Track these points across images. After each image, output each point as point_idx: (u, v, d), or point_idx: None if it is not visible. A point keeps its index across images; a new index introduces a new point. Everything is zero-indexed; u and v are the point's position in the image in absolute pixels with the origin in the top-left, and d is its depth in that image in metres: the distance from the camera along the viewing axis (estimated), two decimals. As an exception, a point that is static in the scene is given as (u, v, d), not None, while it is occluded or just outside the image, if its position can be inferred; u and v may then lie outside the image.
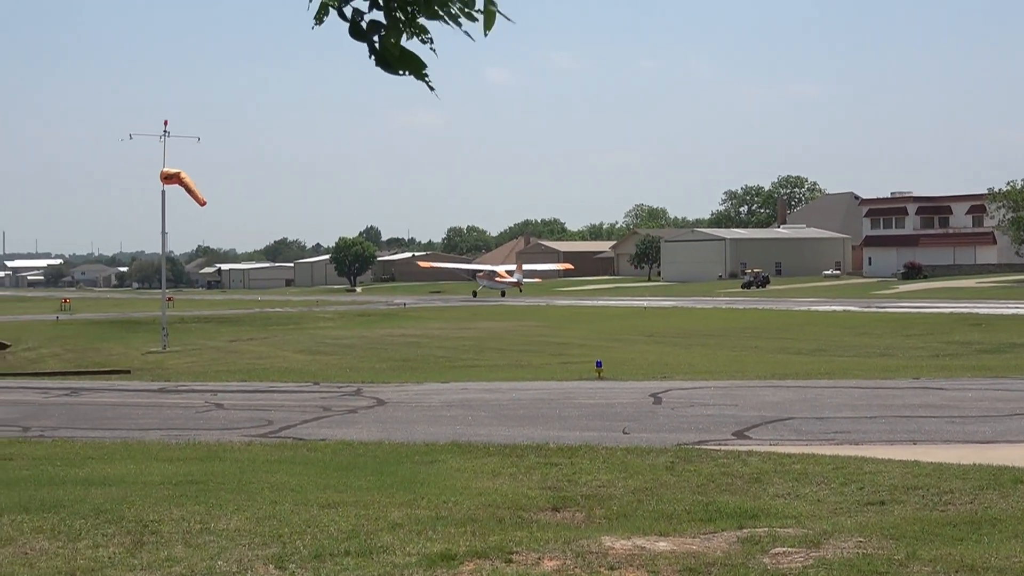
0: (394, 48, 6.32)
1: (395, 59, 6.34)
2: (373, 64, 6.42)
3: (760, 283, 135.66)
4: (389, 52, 6.33)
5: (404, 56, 6.35)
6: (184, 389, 33.77)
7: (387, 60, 6.36)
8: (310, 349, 61.08)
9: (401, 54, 6.34)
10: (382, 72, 6.39)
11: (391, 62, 6.36)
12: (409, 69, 6.39)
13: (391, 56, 6.34)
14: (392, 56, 6.34)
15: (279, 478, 15.93)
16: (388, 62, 6.36)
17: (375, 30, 6.32)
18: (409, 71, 6.40)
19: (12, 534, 11.64)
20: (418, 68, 6.40)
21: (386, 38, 6.31)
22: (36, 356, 67.75)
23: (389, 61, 6.36)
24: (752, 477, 15.55)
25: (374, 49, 6.36)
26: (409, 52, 6.37)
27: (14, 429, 24.19)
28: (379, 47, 6.34)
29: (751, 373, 35.51)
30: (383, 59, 6.36)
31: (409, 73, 6.42)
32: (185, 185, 64.58)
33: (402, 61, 6.36)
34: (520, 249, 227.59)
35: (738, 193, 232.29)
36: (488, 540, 11.19)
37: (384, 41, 6.32)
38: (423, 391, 31.07)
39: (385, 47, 6.33)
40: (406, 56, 6.36)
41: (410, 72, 6.42)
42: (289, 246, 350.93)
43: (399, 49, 6.34)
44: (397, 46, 6.33)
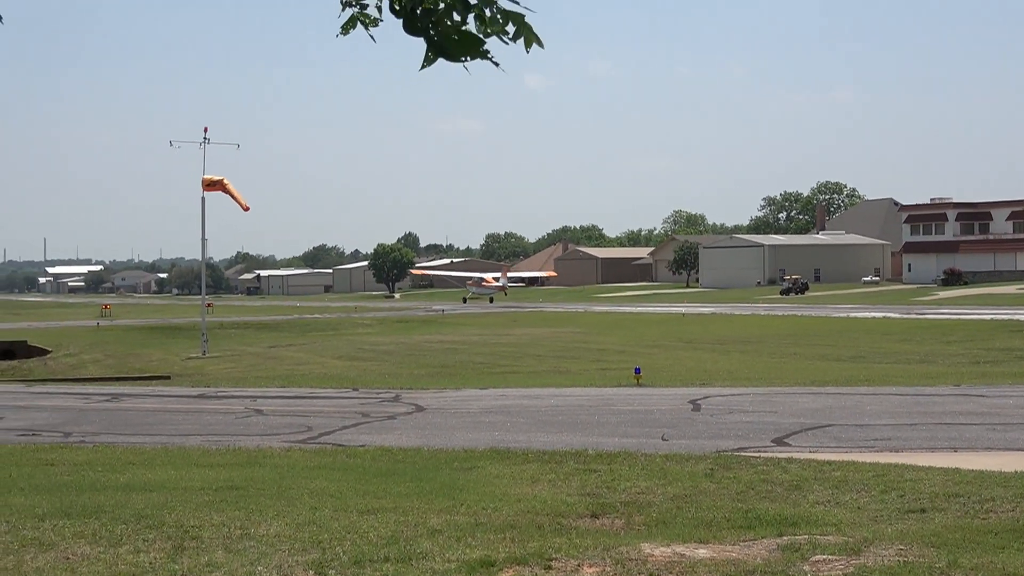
0: (452, 31, 6.30)
1: (456, 43, 6.32)
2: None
3: (799, 289, 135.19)
4: (448, 36, 6.31)
5: (465, 37, 6.33)
6: (224, 395, 33.89)
7: (450, 48, 6.33)
8: (349, 355, 61.19)
9: (462, 35, 6.32)
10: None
11: (455, 49, 6.33)
12: (471, 52, 6.36)
13: (452, 41, 6.31)
14: (453, 41, 6.31)
15: (319, 484, 15.96)
16: (449, 49, 6.33)
17: (428, 18, 6.30)
18: (473, 55, 6.38)
19: (54, 539, 11.70)
20: (478, 45, 6.37)
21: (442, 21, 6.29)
22: (77, 362, 68.10)
23: (453, 48, 6.33)
24: (792, 484, 15.48)
25: (431, 40, 6.34)
26: (469, 31, 6.34)
27: (56, 435, 24.33)
28: (437, 36, 6.32)
29: (790, 380, 35.39)
30: (442, 46, 6.34)
31: (472, 56, 6.39)
32: (229, 192, 64.82)
33: (463, 43, 6.33)
34: (558, 255, 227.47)
35: (777, 199, 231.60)
36: (527, 547, 11.18)
37: (443, 26, 6.30)
38: (462, 397, 31.08)
39: (444, 32, 6.30)
40: (467, 37, 6.33)
41: (474, 56, 6.39)
42: (328, 252, 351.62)
43: (458, 30, 6.31)
44: (457, 27, 6.31)
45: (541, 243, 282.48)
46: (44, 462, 19.19)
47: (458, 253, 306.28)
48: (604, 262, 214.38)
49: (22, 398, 34.23)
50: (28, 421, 27.06)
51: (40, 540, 11.64)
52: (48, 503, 14.13)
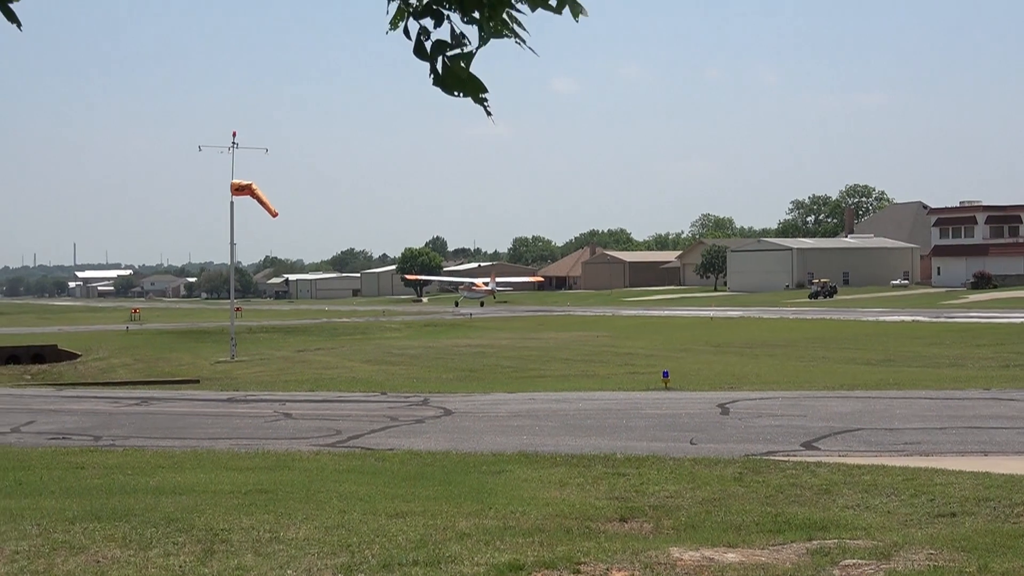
0: (461, 71, 6.33)
1: (459, 81, 6.35)
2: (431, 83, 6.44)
3: (827, 293, 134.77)
4: (454, 74, 6.33)
5: (470, 79, 6.36)
6: (253, 399, 33.98)
7: (447, 81, 6.36)
8: (377, 359, 61.29)
9: (468, 77, 6.34)
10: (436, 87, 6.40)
11: (453, 84, 6.36)
12: (468, 92, 6.39)
13: (455, 78, 6.34)
14: (457, 79, 6.34)
15: (348, 487, 15.99)
16: (448, 83, 6.37)
17: (440, 50, 6.33)
18: (467, 93, 6.40)
19: (85, 542, 11.74)
20: (477, 91, 6.39)
21: (454, 59, 6.32)
22: (107, 366, 68.40)
23: (451, 83, 6.36)
24: (821, 488, 15.45)
25: (435, 69, 6.37)
26: (474, 76, 6.37)
27: (86, 438, 24.42)
28: (443, 68, 6.34)
29: (819, 384, 35.28)
30: (443, 80, 6.37)
31: (466, 95, 6.42)
32: (257, 197, 65.04)
33: (466, 84, 6.36)
34: (586, 259, 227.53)
35: (805, 203, 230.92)
36: (556, 550, 11.18)
37: (452, 62, 6.32)
38: (490, 401, 31.10)
39: (451, 69, 6.33)
40: (471, 80, 6.36)
41: (468, 95, 6.41)
42: (356, 256, 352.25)
43: (466, 72, 6.34)
44: (465, 69, 6.33)
45: (569, 247, 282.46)
46: (74, 465, 19.26)
47: (486, 257, 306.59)
48: (632, 266, 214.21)
49: (52, 402, 34.39)
50: (59, 425, 27.18)
51: (70, 543, 11.68)
52: (78, 506, 14.18)
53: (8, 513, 13.62)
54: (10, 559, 11.02)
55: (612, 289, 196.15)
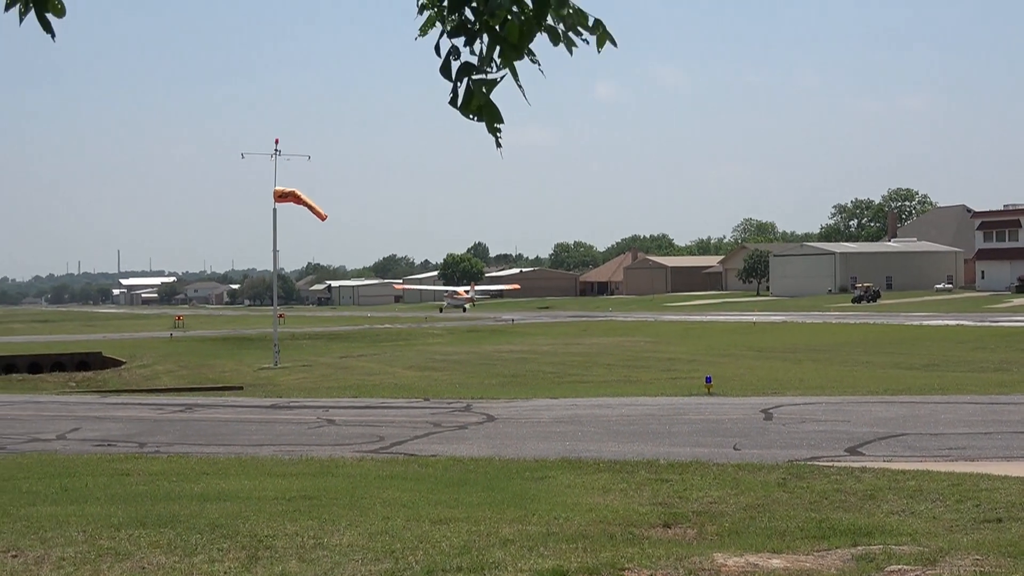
0: (481, 97, 6.33)
1: (477, 107, 6.35)
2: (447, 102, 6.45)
3: (871, 297, 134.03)
4: (475, 99, 6.33)
5: (488, 107, 6.36)
6: (296, 405, 34.06)
7: (467, 104, 6.36)
8: (420, 365, 61.36)
9: (486, 104, 6.35)
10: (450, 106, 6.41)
11: (471, 108, 6.37)
12: (484, 119, 6.39)
13: (474, 103, 6.34)
14: (476, 104, 6.34)
15: (391, 494, 16.01)
16: (465, 107, 6.37)
17: (466, 73, 6.34)
18: (482, 120, 6.41)
19: (130, 549, 11.80)
20: (493, 120, 6.40)
21: (477, 84, 6.32)
22: (151, 373, 68.73)
23: (467, 105, 6.36)
24: (866, 494, 15.37)
25: (456, 91, 6.37)
26: (493, 105, 6.37)
27: (131, 445, 24.56)
28: (464, 91, 6.34)
29: (863, 389, 35.11)
30: (463, 102, 6.37)
31: (480, 121, 6.43)
32: (304, 202, 65.20)
33: (483, 112, 6.37)
34: (627, 264, 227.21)
35: (848, 207, 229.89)
36: (599, 556, 11.16)
37: (475, 86, 6.33)
38: (532, 407, 31.08)
39: (473, 92, 6.33)
40: (489, 108, 6.37)
41: (483, 121, 6.42)
42: (398, 262, 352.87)
43: (486, 99, 6.34)
44: (486, 96, 6.33)
45: (610, 252, 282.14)
46: (120, 472, 19.37)
47: (527, 263, 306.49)
48: (673, 271, 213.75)
49: (97, 409, 34.57)
50: (104, 431, 27.33)
51: (116, 550, 11.74)
52: (124, 513, 14.26)
53: (54, 519, 13.71)
54: (56, 565, 11.10)
55: (654, 294, 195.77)
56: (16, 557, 11.46)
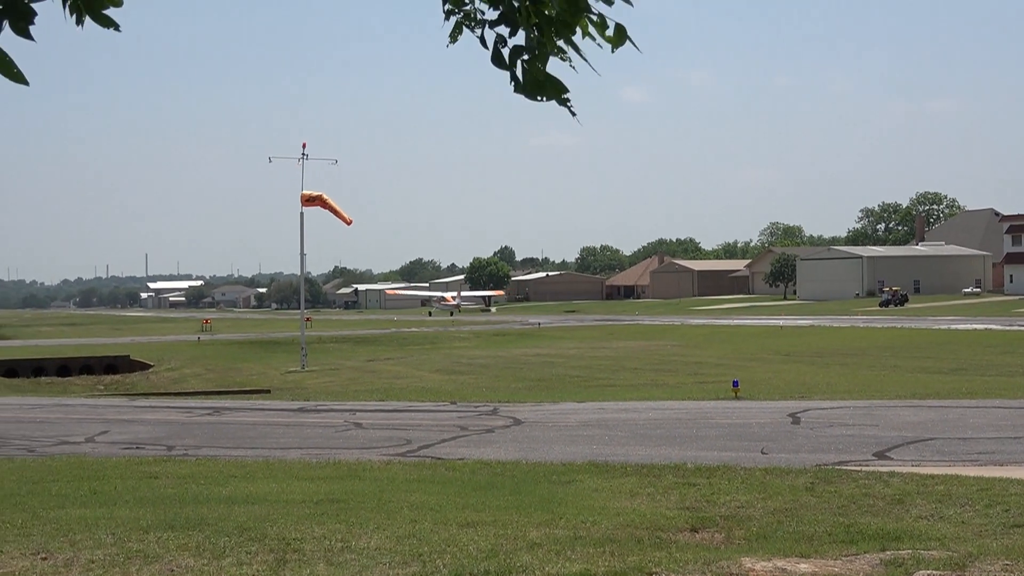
0: (539, 73, 6.32)
1: (538, 85, 6.34)
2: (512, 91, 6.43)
3: (898, 301, 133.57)
4: (533, 78, 6.33)
5: (549, 81, 6.35)
6: (323, 408, 34.12)
7: (529, 86, 6.35)
8: (446, 369, 61.46)
9: (546, 79, 6.34)
10: (516, 93, 6.39)
11: (534, 88, 6.35)
12: (551, 95, 6.38)
13: (535, 82, 6.33)
14: (536, 82, 6.33)
15: (418, 497, 16.01)
16: (530, 88, 6.35)
17: (518, 55, 6.33)
18: (550, 97, 6.40)
19: (159, 551, 11.83)
20: (560, 92, 6.39)
21: (532, 63, 6.31)
22: (179, 376, 69.02)
23: (531, 87, 6.35)
24: (894, 498, 15.31)
25: (515, 76, 6.36)
26: (554, 77, 6.36)
27: (159, 448, 24.63)
28: (523, 74, 6.33)
29: (891, 393, 35.01)
30: (524, 85, 6.36)
31: (550, 99, 6.41)
32: (330, 207, 65.38)
33: (546, 87, 6.35)
34: (654, 268, 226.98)
35: (875, 210, 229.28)
36: (627, 560, 11.15)
37: (530, 66, 6.32)
38: (559, 411, 31.07)
39: (531, 73, 6.32)
40: (551, 81, 6.35)
41: (551, 98, 6.40)
42: (424, 266, 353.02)
43: (544, 74, 6.33)
44: (543, 71, 6.32)
45: (637, 255, 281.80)
46: (148, 475, 19.42)
47: (553, 266, 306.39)
48: (700, 275, 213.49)
49: (126, 412, 34.68)
50: (132, 434, 27.42)
51: (145, 552, 11.77)
52: (152, 515, 14.30)
53: (84, 522, 13.76)
54: (86, 568, 11.13)
55: (680, 298, 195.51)
56: (46, 559, 11.51)
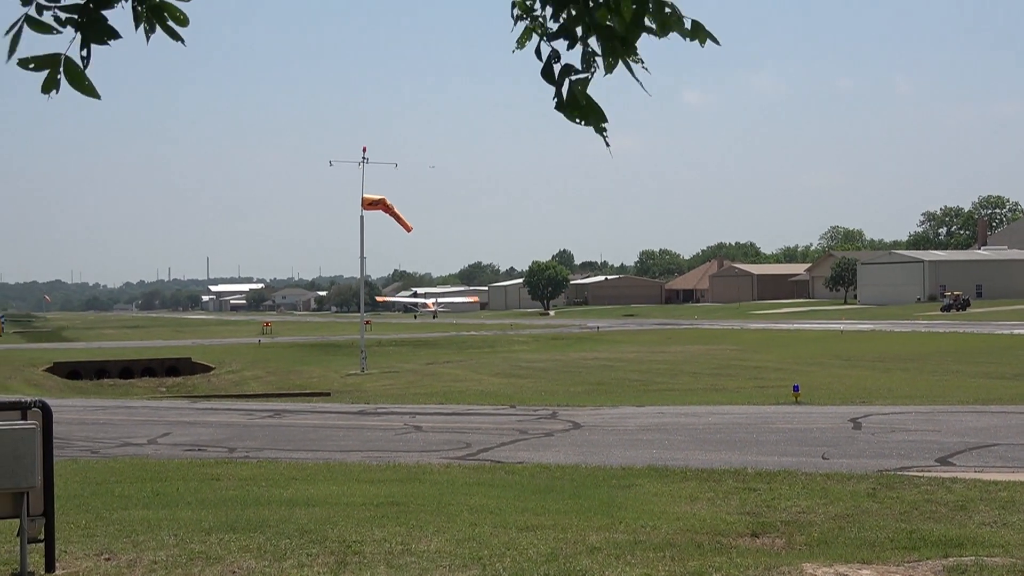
0: (583, 97, 6.33)
1: (580, 108, 6.35)
2: (554, 107, 6.45)
3: (960, 306, 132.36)
4: (577, 100, 6.34)
5: (591, 107, 6.36)
6: (383, 411, 34.22)
7: (571, 107, 6.36)
8: (505, 372, 61.48)
9: (589, 105, 6.35)
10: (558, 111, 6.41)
11: (575, 110, 6.36)
12: (590, 121, 6.39)
13: (577, 105, 6.35)
14: (578, 105, 6.35)
15: (478, 500, 16.04)
16: (571, 110, 6.37)
17: (567, 73, 6.35)
18: (589, 123, 6.41)
19: (220, 553, 11.92)
20: (599, 120, 6.39)
21: (578, 84, 6.33)
22: (239, 378, 69.46)
23: (573, 109, 6.36)
24: (957, 505, 15.20)
25: (559, 94, 6.38)
26: (596, 105, 6.37)
27: (221, 450, 24.78)
28: (567, 93, 6.35)
29: (953, 398, 34.73)
30: (567, 105, 6.38)
31: (588, 124, 6.42)
32: (392, 212, 65.59)
33: (587, 112, 6.37)
34: (713, 272, 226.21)
35: (937, 214, 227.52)
36: (687, 565, 11.14)
37: (573, 87, 6.33)
38: (618, 415, 31.03)
39: (575, 94, 6.34)
40: (592, 108, 6.37)
41: (590, 124, 6.42)
42: (483, 270, 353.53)
43: (587, 99, 6.35)
44: (584, 94, 6.34)
45: (696, 259, 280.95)
46: (210, 477, 19.55)
47: (612, 270, 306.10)
48: (760, 279, 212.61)
49: (187, 414, 34.93)
50: (194, 436, 27.60)
51: (207, 554, 11.86)
52: (214, 517, 14.40)
53: (146, 523, 13.88)
54: (149, 568, 11.23)
55: (740, 302, 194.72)
56: (109, 560, 11.62)
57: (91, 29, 6.16)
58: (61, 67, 6.17)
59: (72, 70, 6.19)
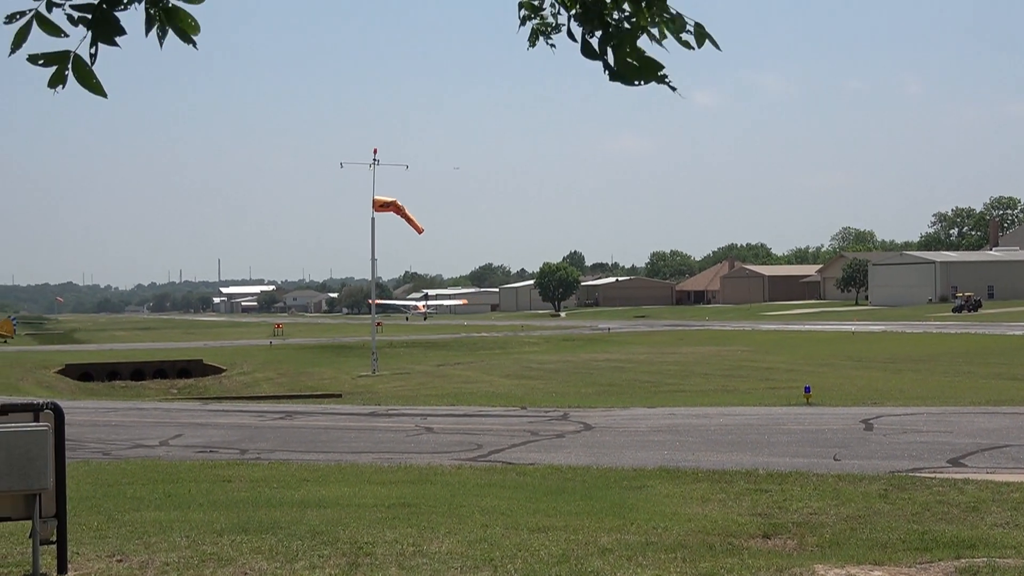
0: (633, 55, 6.26)
1: (633, 68, 6.29)
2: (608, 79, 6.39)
3: (972, 307, 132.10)
4: (627, 62, 6.27)
5: (644, 62, 6.28)
6: (394, 413, 34.21)
7: (625, 71, 6.29)
8: (516, 373, 61.49)
9: (641, 60, 6.28)
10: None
11: (630, 72, 6.29)
12: (648, 76, 6.31)
13: (629, 66, 6.27)
14: (631, 66, 6.28)
15: (489, 502, 16.05)
16: (626, 73, 6.29)
17: (608, 41, 6.28)
18: (648, 79, 6.33)
19: (232, 554, 11.93)
20: (656, 71, 6.30)
21: (621, 48, 6.26)
22: (251, 380, 69.53)
23: (627, 72, 6.29)
24: (969, 506, 15.17)
25: (607, 64, 6.32)
26: (648, 56, 6.29)
27: (232, 451, 24.80)
28: (616, 60, 6.29)
29: (965, 399, 34.66)
30: (619, 71, 6.31)
31: (647, 81, 6.34)
32: (403, 214, 65.63)
33: (642, 69, 6.29)
34: (724, 273, 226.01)
35: (948, 215, 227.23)
36: (699, 567, 11.14)
37: (620, 52, 6.27)
38: (630, 416, 31.00)
39: (623, 57, 6.27)
40: (645, 62, 6.28)
41: (649, 79, 6.33)
42: (494, 271, 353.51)
43: (638, 55, 6.28)
44: (636, 52, 6.27)
45: (707, 261, 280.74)
46: (221, 478, 19.57)
47: (623, 271, 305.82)
48: (771, 280, 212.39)
49: (199, 415, 34.95)
50: (205, 438, 27.63)
51: (219, 555, 11.88)
52: (226, 518, 14.42)
53: (159, 525, 13.90)
54: (161, 570, 11.25)
55: (751, 303, 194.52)
56: (121, 562, 11.63)
57: (102, 28, 6.17)
58: (70, 64, 6.19)
59: (81, 68, 6.20)
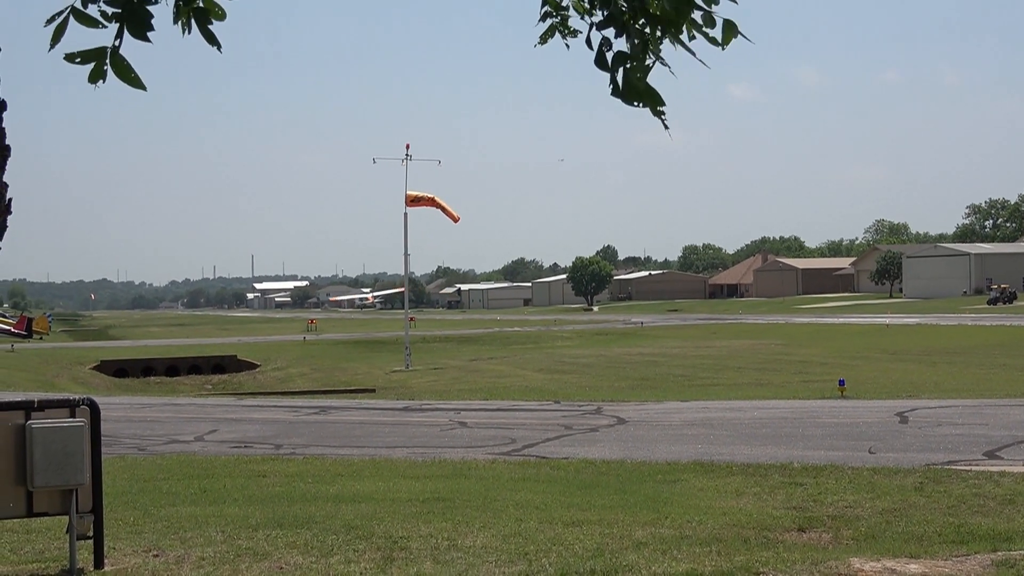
0: (639, 82, 6.34)
1: (637, 92, 6.35)
2: (610, 94, 6.45)
3: (1007, 299, 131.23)
4: (633, 85, 6.35)
5: (647, 91, 6.36)
6: (428, 407, 34.24)
7: (627, 92, 6.37)
8: (549, 368, 61.44)
9: (645, 89, 6.35)
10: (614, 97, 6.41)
11: (631, 95, 6.37)
12: (647, 103, 6.39)
13: (633, 89, 6.35)
14: (635, 89, 6.35)
15: (523, 496, 16.06)
16: (628, 94, 6.37)
17: (621, 61, 6.35)
18: (646, 105, 6.41)
19: (268, 549, 11.97)
20: (656, 103, 6.40)
21: (632, 71, 6.33)
22: (285, 375, 69.71)
23: (629, 93, 6.36)
24: (1005, 499, 15.10)
25: (615, 80, 6.38)
26: (652, 88, 6.37)
27: (267, 446, 24.86)
28: (623, 79, 6.35)
29: (1000, 392, 34.49)
30: (623, 91, 6.38)
31: (645, 106, 6.42)
32: (438, 204, 65.62)
33: (644, 95, 6.37)
34: (757, 266, 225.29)
35: (982, 207, 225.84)
36: (734, 560, 11.11)
37: (630, 74, 6.34)
38: (663, 410, 30.97)
39: (629, 80, 6.34)
40: (649, 91, 6.37)
41: (647, 106, 6.41)
42: (527, 266, 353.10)
43: (644, 83, 6.35)
44: (643, 80, 6.34)
45: (740, 254, 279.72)
46: (256, 473, 19.64)
47: (656, 265, 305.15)
48: (804, 273, 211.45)
49: (233, 411, 35.04)
50: (240, 433, 27.71)
51: (254, 550, 11.92)
52: (261, 513, 14.47)
53: (194, 520, 13.96)
54: (197, 565, 11.29)
55: (784, 297, 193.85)
56: (157, 556, 11.69)
57: (134, 23, 6.20)
58: (107, 60, 6.21)
59: (119, 63, 6.23)
